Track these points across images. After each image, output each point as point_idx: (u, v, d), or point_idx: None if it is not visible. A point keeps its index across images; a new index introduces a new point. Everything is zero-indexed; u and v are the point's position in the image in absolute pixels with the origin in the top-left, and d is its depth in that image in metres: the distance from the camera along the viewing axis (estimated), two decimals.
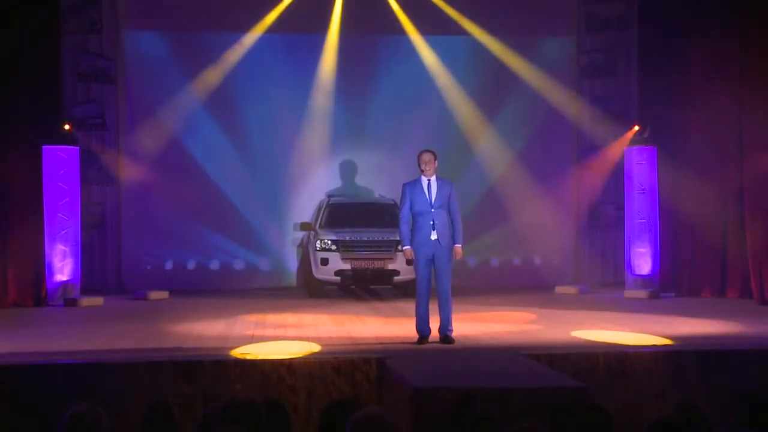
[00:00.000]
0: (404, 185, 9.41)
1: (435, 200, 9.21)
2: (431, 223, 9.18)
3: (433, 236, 9.17)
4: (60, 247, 13.78)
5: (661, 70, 14.64)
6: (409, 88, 16.63)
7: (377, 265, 14.16)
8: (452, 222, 9.32)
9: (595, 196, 16.60)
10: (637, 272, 14.73)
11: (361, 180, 16.94)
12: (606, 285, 16.00)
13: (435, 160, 9.29)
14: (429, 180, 9.26)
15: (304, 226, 15.20)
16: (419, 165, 9.30)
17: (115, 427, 4.72)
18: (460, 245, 9.33)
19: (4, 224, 13.17)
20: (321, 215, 15.12)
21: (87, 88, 15.48)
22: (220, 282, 16.13)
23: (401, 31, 16.70)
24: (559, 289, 15.22)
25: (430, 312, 9.32)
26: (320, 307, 12.86)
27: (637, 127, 15.07)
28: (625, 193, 15.15)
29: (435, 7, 16.56)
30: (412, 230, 9.29)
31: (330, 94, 16.66)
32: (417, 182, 9.30)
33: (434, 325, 9.30)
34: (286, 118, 16.43)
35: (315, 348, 8.92)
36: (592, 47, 16.71)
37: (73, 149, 14.05)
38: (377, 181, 16.53)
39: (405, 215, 9.33)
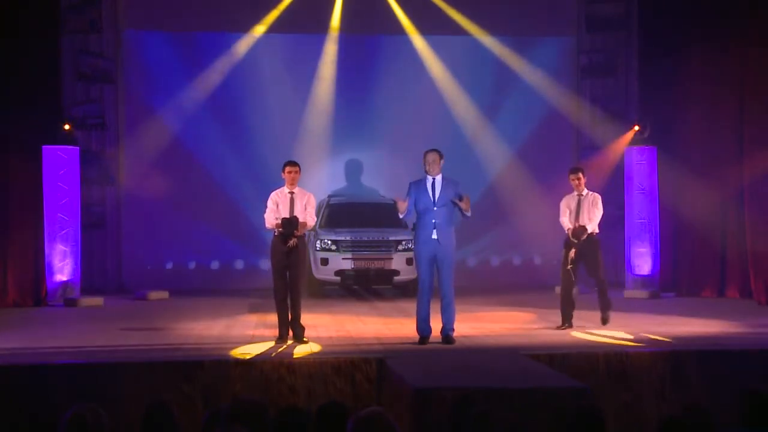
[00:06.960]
0: (410, 183, 9.44)
1: (438, 199, 9.21)
2: (433, 222, 9.18)
3: (434, 236, 9.18)
4: (60, 247, 13.77)
5: (661, 70, 14.64)
6: (409, 88, 16.61)
7: (377, 265, 14.17)
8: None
9: None
10: (637, 272, 14.73)
11: (360, 180, 16.93)
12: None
13: (441, 159, 9.26)
14: (434, 179, 9.27)
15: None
16: (424, 164, 9.30)
17: (115, 427, 4.72)
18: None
19: (4, 224, 13.16)
20: (321, 215, 15.11)
21: (87, 88, 15.47)
22: (220, 282, 16.12)
23: (401, 31, 16.71)
24: (559, 290, 15.16)
25: (431, 312, 9.30)
26: (320, 307, 12.84)
27: (637, 127, 15.07)
28: (625, 193, 15.14)
29: (435, 7, 16.55)
30: (416, 228, 9.42)
31: (330, 94, 16.67)
32: (422, 181, 9.32)
33: (435, 324, 9.29)
34: (286, 118, 16.43)
35: (315, 348, 8.93)
36: (592, 47, 16.71)
37: (73, 149, 14.04)
38: (377, 181, 16.52)
39: (409, 208, 9.28)
